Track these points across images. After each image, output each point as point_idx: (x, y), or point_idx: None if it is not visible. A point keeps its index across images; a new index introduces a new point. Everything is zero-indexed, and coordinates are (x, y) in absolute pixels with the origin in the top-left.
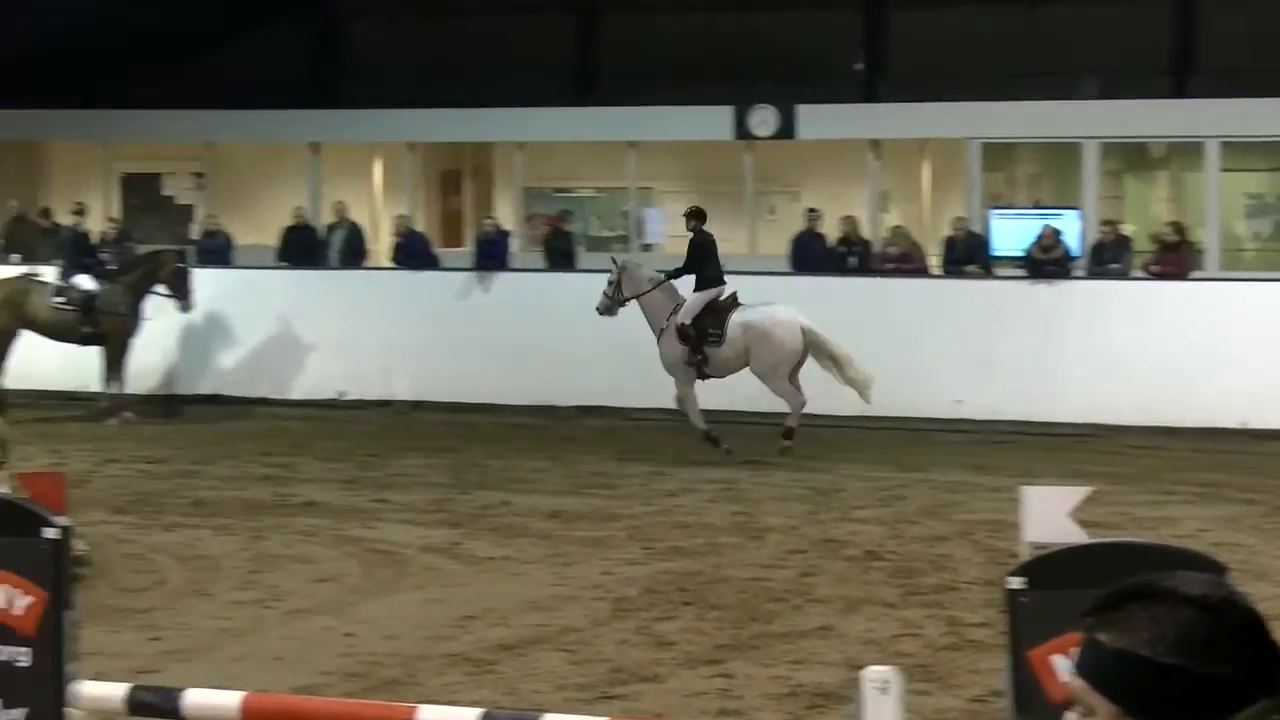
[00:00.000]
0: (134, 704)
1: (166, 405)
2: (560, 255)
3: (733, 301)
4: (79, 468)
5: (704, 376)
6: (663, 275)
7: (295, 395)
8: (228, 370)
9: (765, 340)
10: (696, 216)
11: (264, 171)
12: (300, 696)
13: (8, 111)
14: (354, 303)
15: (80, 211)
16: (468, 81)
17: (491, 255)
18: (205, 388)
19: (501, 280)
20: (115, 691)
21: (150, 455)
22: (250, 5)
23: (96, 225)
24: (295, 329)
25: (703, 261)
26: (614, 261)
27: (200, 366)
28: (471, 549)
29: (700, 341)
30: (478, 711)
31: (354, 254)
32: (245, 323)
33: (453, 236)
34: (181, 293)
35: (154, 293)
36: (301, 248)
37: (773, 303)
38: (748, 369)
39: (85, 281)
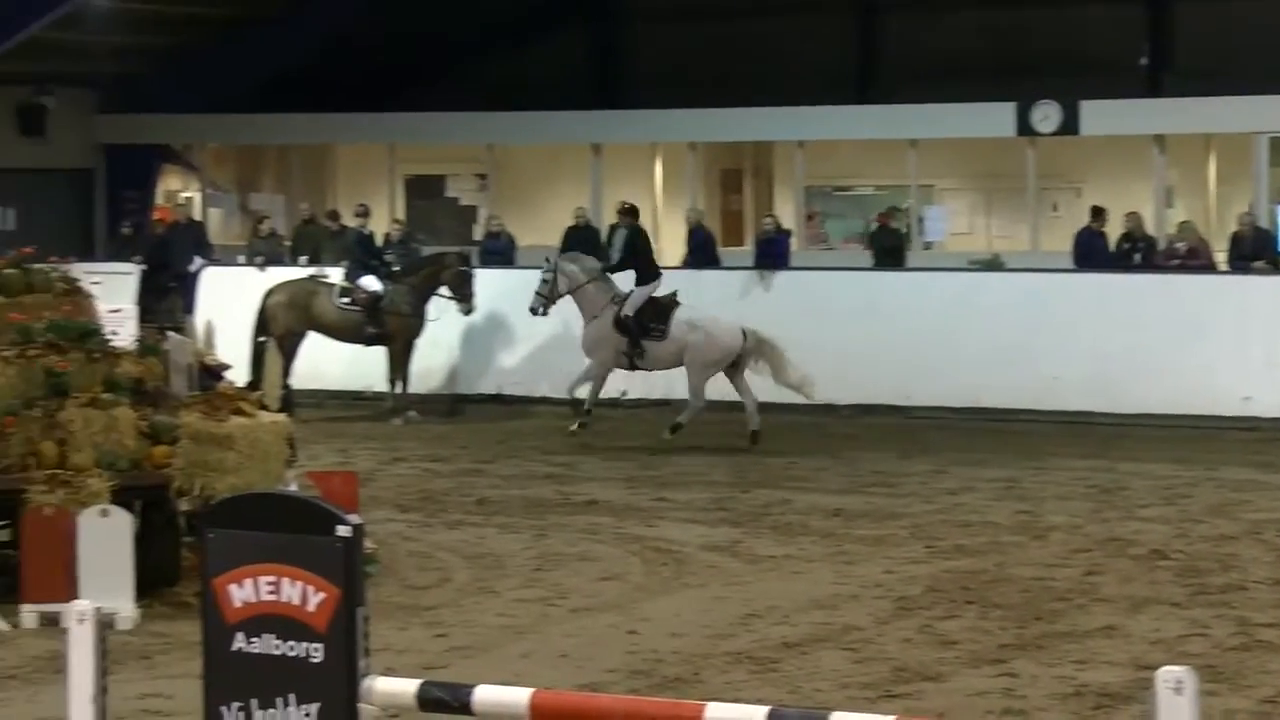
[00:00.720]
0: (425, 699)
1: (450, 404)
2: (888, 253)
3: (673, 300)
4: (365, 466)
5: (634, 368)
6: (599, 267)
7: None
8: (509, 370)
9: (707, 338)
10: (631, 214)
11: (546, 172)
12: (588, 694)
13: (298, 116)
14: None
15: (365, 214)
16: (748, 81)
17: (772, 254)
18: (487, 387)
19: (782, 279)
20: (406, 687)
21: (434, 454)
22: (532, 9)
23: (381, 227)
24: (576, 329)
25: (640, 256)
26: (547, 260)
27: (482, 366)
28: (752, 547)
29: (641, 334)
30: (765, 709)
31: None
32: (527, 323)
33: (733, 236)
34: (464, 294)
35: (437, 294)
36: (583, 248)
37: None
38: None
39: (371, 283)
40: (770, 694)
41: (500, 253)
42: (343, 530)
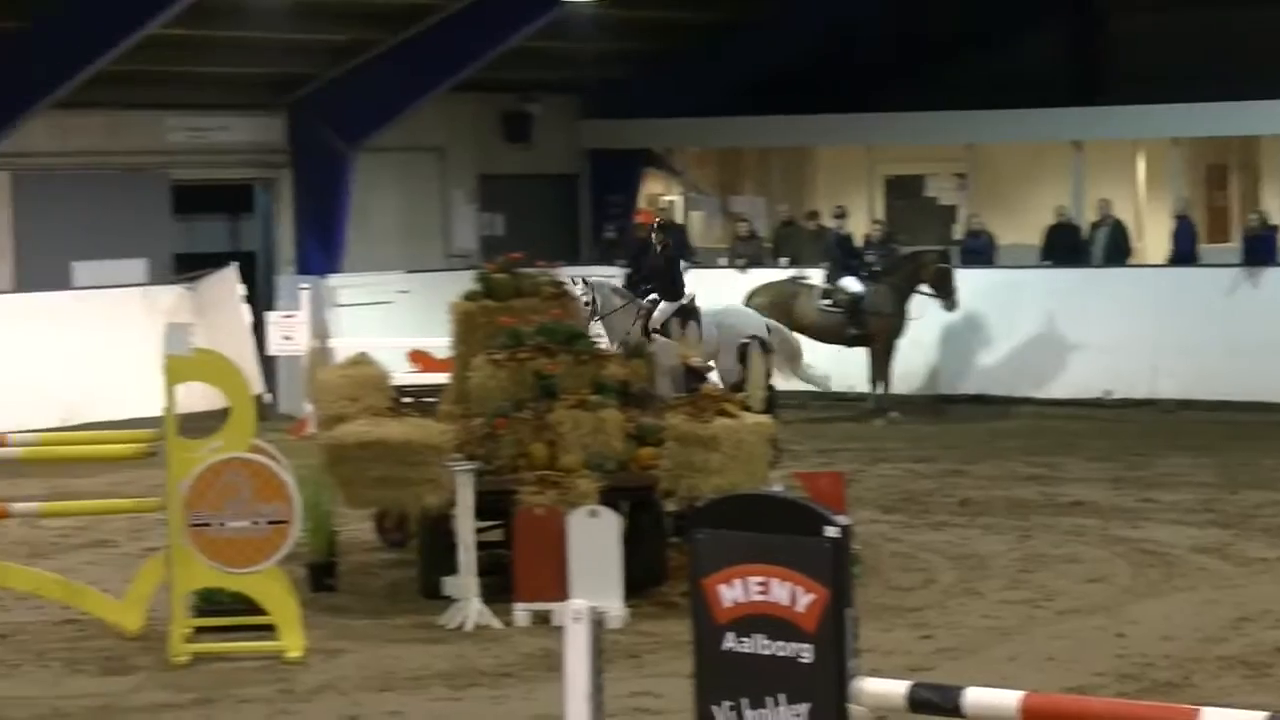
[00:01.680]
0: (914, 701)
1: (931, 405)
2: None
3: (694, 304)
4: (848, 467)
5: None
6: (627, 294)
7: (1059, 394)
8: (991, 370)
9: (735, 325)
10: (667, 230)
11: (1026, 171)
12: (1079, 697)
13: (777, 119)
14: (1119, 301)
15: (842, 215)
16: (1235, 74)
17: (1260, 251)
18: (969, 387)
19: (1271, 276)
20: (895, 688)
21: (917, 455)
22: (1011, 6)
23: (860, 228)
24: (1058, 328)
25: (674, 275)
26: (584, 281)
27: (963, 366)
28: (1243, 550)
29: None
30: (1262, 715)
31: (1118, 252)
32: (1008, 322)
33: (1219, 232)
34: (945, 293)
35: (918, 293)
36: (1064, 246)
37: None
38: None
39: (851, 283)
40: (1265, 700)
41: (980, 252)
42: (831, 531)
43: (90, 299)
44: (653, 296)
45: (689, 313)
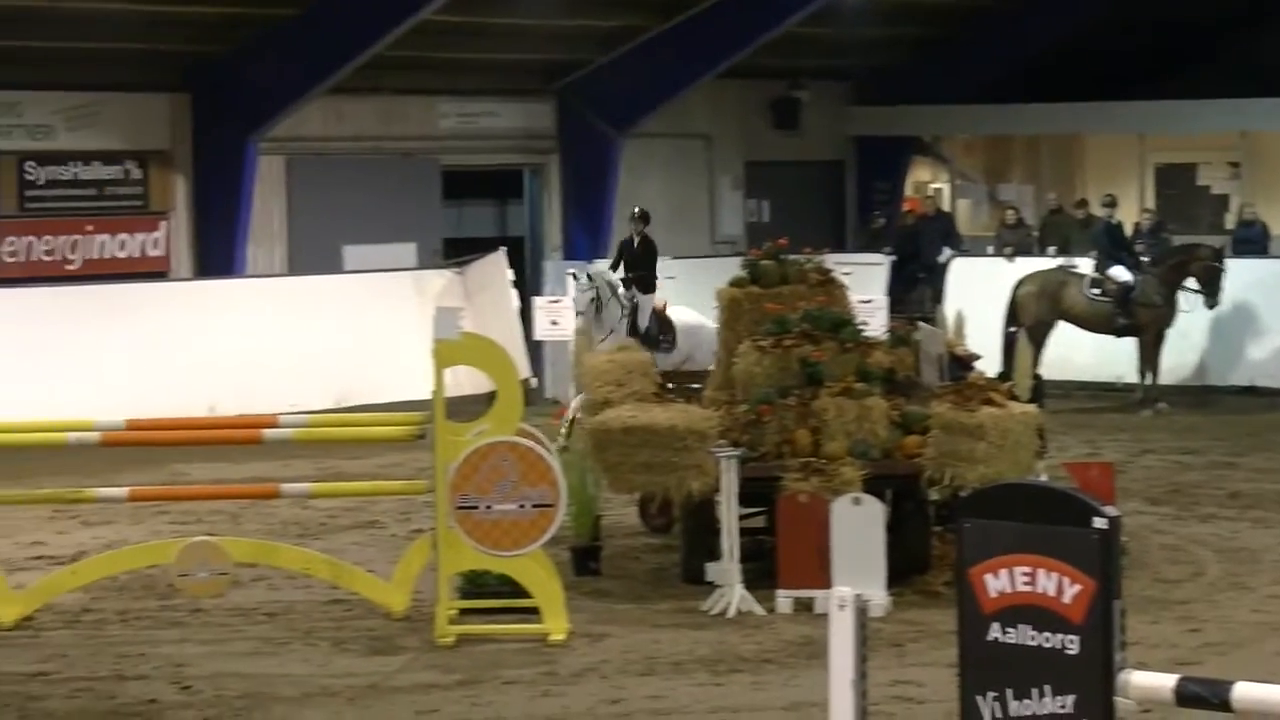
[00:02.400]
0: (1182, 696)
1: (1200, 396)
2: None
3: (664, 306)
4: (1113, 458)
5: None
6: (622, 279)
7: None
8: (1262, 361)
9: (709, 341)
10: (645, 219)
11: None
12: None
13: (1046, 106)
14: None
15: (1111, 203)
16: None
17: None
18: (1239, 379)
19: None
20: (1163, 682)
21: (1184, 446)
22: None
23: (1128, 216)
24: None
25: (650, 266)
26: (588, 277)
27: (1233, 357)
28: None
29: (653, 347)
30: None
31: None
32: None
33: None
34: (1210, 290)
35: (1183, 287)
36: None
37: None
38: None
39: (1120, 273)
40: None
41: (1253, 241)
42: (1100, 522)
43: (360, 283)
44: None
45: (663, 313)
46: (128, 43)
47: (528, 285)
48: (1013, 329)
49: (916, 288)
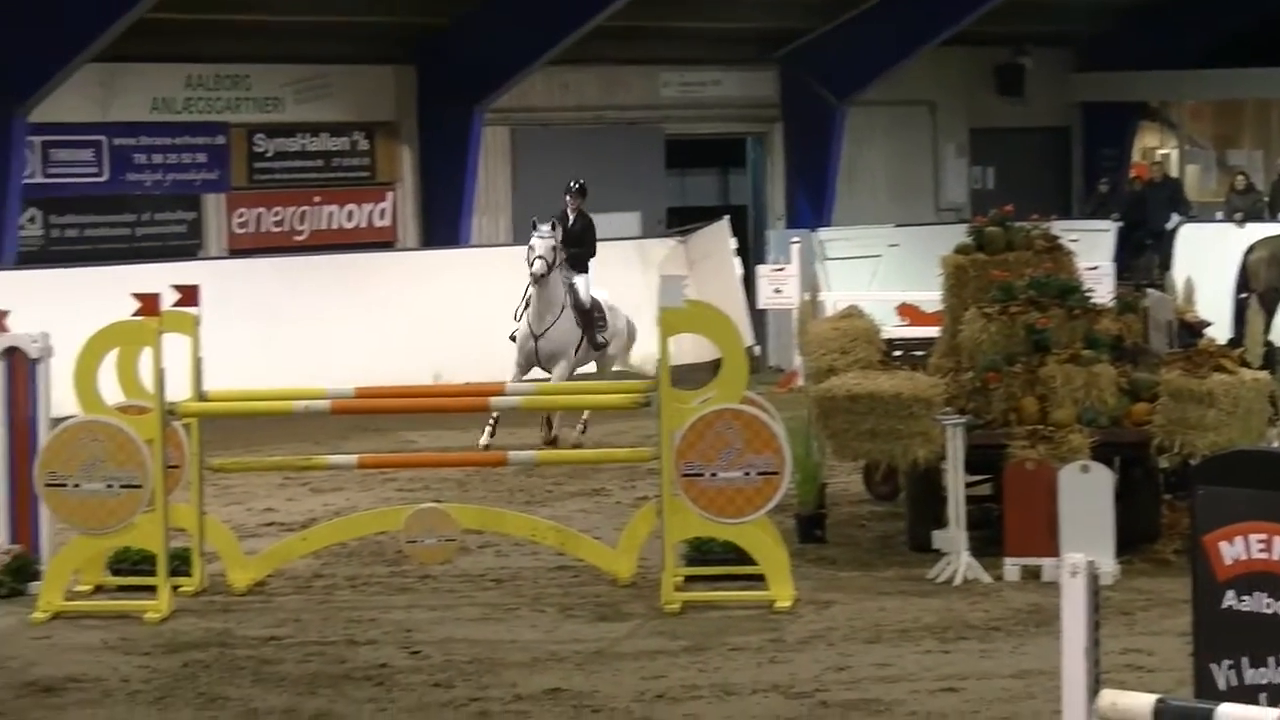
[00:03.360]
0: None
1: None
2: None
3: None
4: None
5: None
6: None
7: None
8: None
9: (627, 324)
10: (583, 194)
11: None
12: None
13: (1277, 70)
14: None
15: None
16: None
17: None
18: None
19: None
20: None
21: None
22: None
23: None
24: None
25: (591, 243)
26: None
27: None
28: None
29: (591, 330)
30: None
31: None
32: None
33: None
34: None
35: None
36: None
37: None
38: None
39: None
40: None
41: None
42: None
43: None
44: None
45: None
46: (355, 16)
47: (751, 254)
48: (1244, 295)
49: (1144, 254)
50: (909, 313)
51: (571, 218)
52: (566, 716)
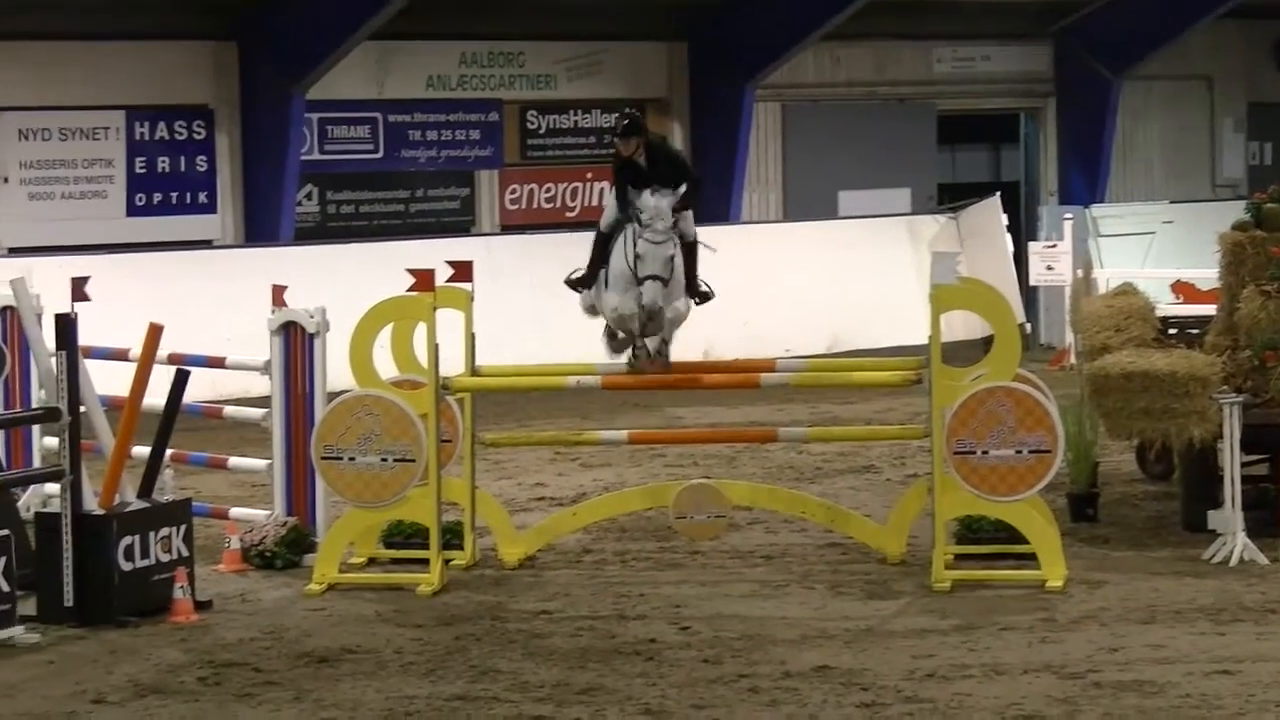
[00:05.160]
0: None
1: None
2: None
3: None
4: None
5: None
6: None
7: None
8: None
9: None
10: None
11: None
12: None
13: None
14: None
15: None
16: None
17: None
18: None
19: None
20: None
21: None
22: None
23: None
24: None
25: None
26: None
27: None
28: None
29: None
30: None
31: None
32: None
33: None
34: None
35: None
36: None
37: None
38: None
39: None
40: None
41: None
42: None
43: (855, 228)
44: None
45: None
46: None
47: (1022, 230)
48: None
49: None
50: (1184, 290)
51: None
52: (835, 694)
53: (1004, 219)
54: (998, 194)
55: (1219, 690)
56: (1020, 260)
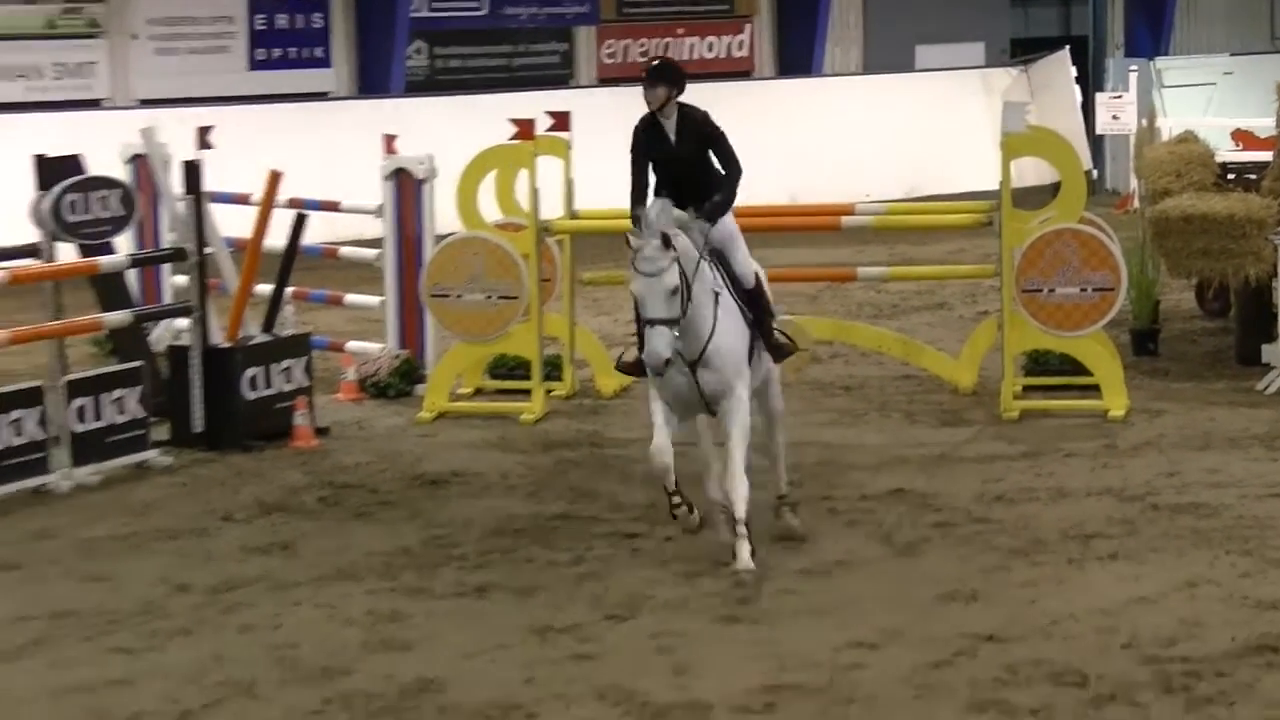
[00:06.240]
0: None
1: None
2: None
3: None
4: None
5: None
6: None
7: None
8: None
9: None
10: (667, 77)
11: None
12: None
13: None
14: None
15: None
16: None
17: None
18: None
19: None
20: None
21: None
22: None
23: None
24: None
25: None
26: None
27: None
28: None
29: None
30: None
31: None
32: None
33: None
34: None
35: None
36: None
37: None
38: None
39: None
40: None
41: None
42: None
43: (931, 81)
44: None
45: None
46: None
47: (1089, 82)
48: None
49: None
50: (1243, 138)
51: (670, 125)
52: (909, 515)
53: (1073, 71)
54: (1067, 48)
55: (1272, 512)
56: (1087, 110)
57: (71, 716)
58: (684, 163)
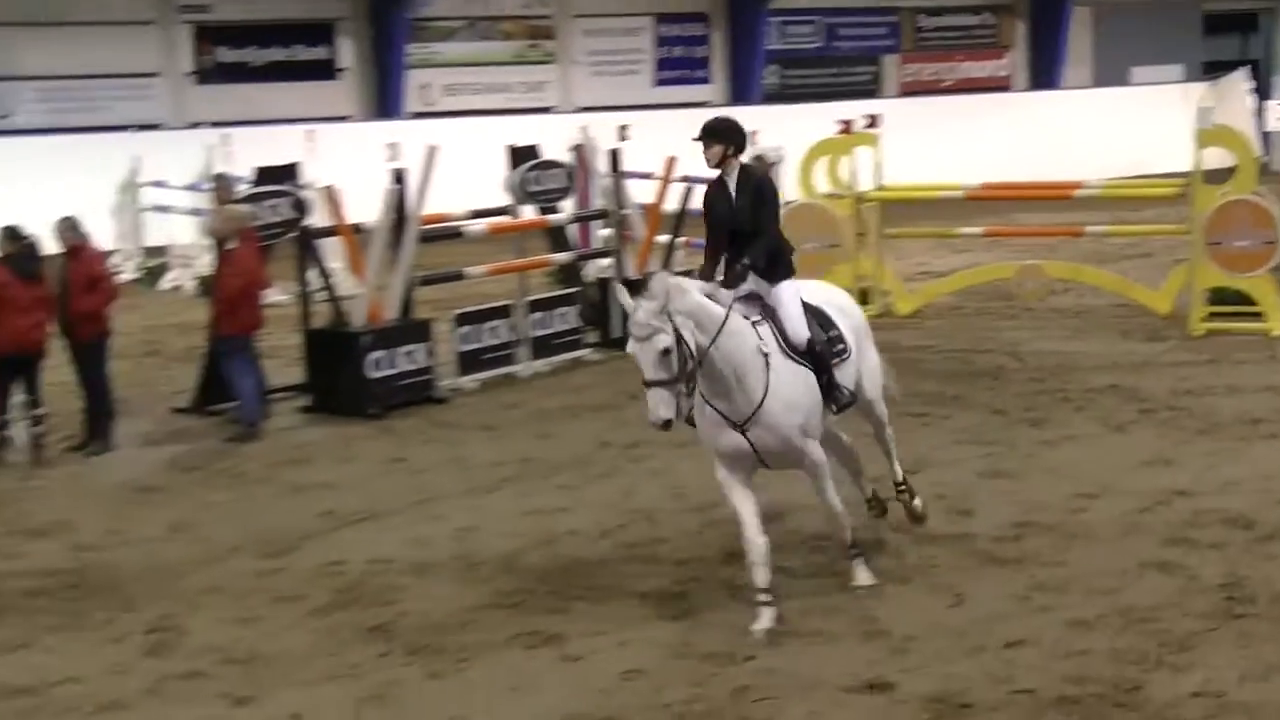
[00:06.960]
0: None
1: None
2: None
3: None
4: None
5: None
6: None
7: None
8: None
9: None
10: (723, 136)
11: None
12: None
13: None
14: None
15: None
16: None
17: None
18: None
19: None
20: None
21: None
22: None
23: None
24: None
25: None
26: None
27: None
28: None
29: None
30: None
31: None
32: None
33: None
34: None
35: None
36: None
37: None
38: None
39: None
40: None
41: None
42: None
43: (1144, 93)
44: None
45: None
46: None
47: (1261, 92)
48: None
49: None
50: None
51: (732, 183)
52: (1121, 403)
53: (1249, 84)
54: (1245, 67)
55: None
56: (1259, 113)
57: (530, 530)
58: (742, 220)
